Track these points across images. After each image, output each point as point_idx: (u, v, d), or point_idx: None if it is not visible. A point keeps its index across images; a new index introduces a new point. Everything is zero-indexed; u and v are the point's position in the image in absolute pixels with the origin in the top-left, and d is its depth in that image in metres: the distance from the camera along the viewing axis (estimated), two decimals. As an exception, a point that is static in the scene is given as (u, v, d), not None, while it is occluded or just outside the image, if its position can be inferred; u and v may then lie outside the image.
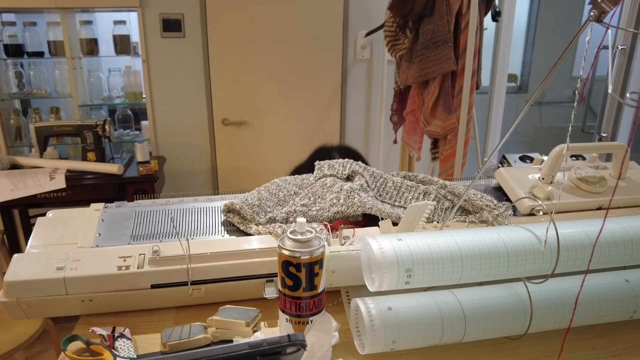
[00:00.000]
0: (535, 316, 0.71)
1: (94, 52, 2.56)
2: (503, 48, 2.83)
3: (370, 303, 0.68)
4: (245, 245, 0.83)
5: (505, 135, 0.77)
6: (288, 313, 0.70)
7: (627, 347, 0.75)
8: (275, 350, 0.55)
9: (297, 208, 0.92)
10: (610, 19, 0.62)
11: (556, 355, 0.72)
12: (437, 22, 1.90)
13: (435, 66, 1.95)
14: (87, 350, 0.71)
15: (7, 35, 2.44)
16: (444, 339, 0.69)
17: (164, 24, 2.54)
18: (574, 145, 0.99)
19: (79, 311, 0.81)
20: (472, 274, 0.69)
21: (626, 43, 2.27)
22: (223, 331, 0.74)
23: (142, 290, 0.79)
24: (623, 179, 1.03)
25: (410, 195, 0.98)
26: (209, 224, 0.91)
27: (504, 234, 0.72)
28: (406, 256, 0.67)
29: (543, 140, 3.87)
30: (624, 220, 0.78)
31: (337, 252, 0.77)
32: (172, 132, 2.72)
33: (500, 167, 1.07)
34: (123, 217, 0.92)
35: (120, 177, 2.25)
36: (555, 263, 0.70)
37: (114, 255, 0.80)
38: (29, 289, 0.76)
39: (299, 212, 0.91)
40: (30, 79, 2.60)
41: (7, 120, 2.53)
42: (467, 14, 1.88)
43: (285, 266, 0.67)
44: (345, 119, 2.86)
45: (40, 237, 0.86)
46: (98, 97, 2.68)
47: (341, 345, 0.73)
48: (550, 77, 0.73)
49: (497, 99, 2.95)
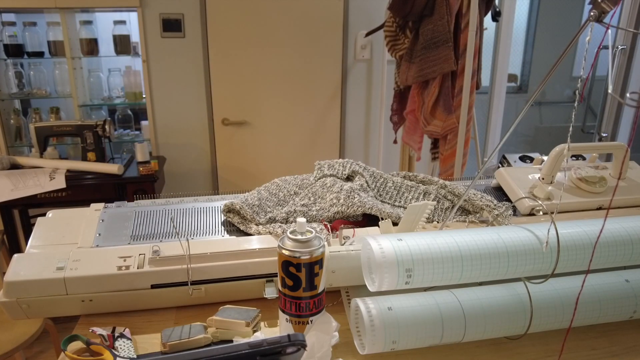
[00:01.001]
0: (535, 316, 0.71)
1: (94, 52, 2.56)
2: (503, 48, 2.83)
3: (370, 303, 0.68)
4: (245, 245, 0.83)
5: (505, 135, 0.77)
6: (288, 313, 0.70)
7: (627, 347, 0.75)
8: (275, 350, 0.55)
9: (297, 208, 0.92)
10: (610, 19, 0.62)
11: (556, 355, 0.72)
12: (437, 22, 1.90)
13: (435, 66, 1.95)
14: (87, 350, 0.71)
15: (7, 35, 2.44)
16: (444, 339, 0.69)
17: (164, 24, 2.54)
18: (574, 145, 0.99)
19: (79, 311, 0.81)
20: (472, 274, 0.69)
21: (626, 43, 2.27)
22: (223, 331, 0.74)
23: (142, 290, 0.79)
24: (623, 179, 1.03)
25: (410, 195, 0.98)
26: (209, 224, 0.91)
27: (504, 234, 0.72)
28: (406, 256, 0.67)
29: (543, 140, 3.87)
30: (624, 220, 0.78)
31: (337, 252, 0.77)
32: (172, 132, 2.72)
33: (500, 167, 1.07)
34: (123, 217, 0.92)
35: (120, 177, 2.25)
36: (555, 263, 0.70)
37: (114, 255, 0.80)
38: (29, 289, 0.76)
39: (299, 212, 0.91)
40: (30, 79, 2.60)
41: (7, 120, 2.53)
42: (467, 14, 1.88)
43: (285, 266, 0.67)
44: (345, 119, 2.86)
45: (40, 237, 0.86)
46: (98, 97, 2.68)
47: (341, 345, 0.73)
48: (550, 77, 0.73)
49: (497, 99, 2.95)
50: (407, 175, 1.04)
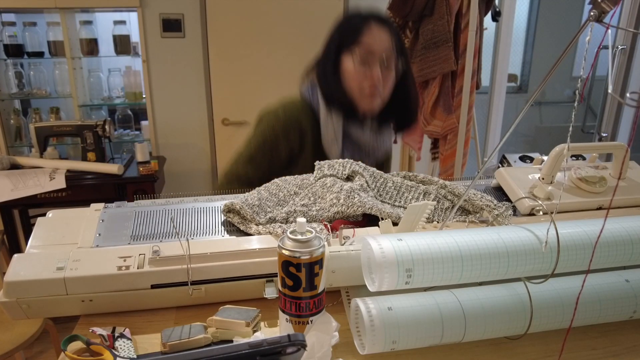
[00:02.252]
0: (535, 316, 0.71)
1: (94, 52, 2.56)
2: (503, 48, 2.83)
3: (370, 303, 0.68)
4: (245, 245, 0.83)
5: (505, 135, 0.77)
6: (288, 313, 0.70)
7: (627, 347, 0.75)
8: (275, 350, 0.55)
9: (297, 208, 0.92)
10: (610, 19, 0.62)
11: (556, 355, 0.72)
12: (437, 22, 1.90)
13: (435, 66, 1.95)
14: (87, 350, 0.71)
15: (7, 35, 2.44)
16: (444, 339, 0.69)
17: (164, 24, 2.54)
18: (574, 145, 0.99)
19: (79, 311, 0.81)
20: (472, 274, 0.69)
21: (626, 43, 2.27)
22: (223, 331, 0.74)
23: (142, 290, 0.79)
24: (623, 179, 1.03)
25: (410, 195, 0.98)
26: (209, 224, 0.91)
27: (504, 234, 0.72)
28: (406, 256, 0.67)
29: (543, 140, 3.88)
30: (624, 220, 0.78)
31: (337, 252, 0.77)
32: (172, 132, 2.72)
33: (500, 167, 1.07)
34: (123, 217, 0.92)
35: (120, 177, 2.25)
36: (555, 263, 0.70)
37: (114, 255, 0.80)
38: (29, 289, 0.76)
39: (299, 212, 0.91)
40: (30, 79, 2.60)
41: (7, 120, 2.53)
42: (467, 14, 1.88)
43: (285, 266, 0.67)
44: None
45: (40, 237, 0.86)
46: (98, 97, 2.68)
47: (341, 345, 0.73)
48: (550, 77, 0.73)
49: (497, 99, 2.95)
50: (407, 175, 1.04)
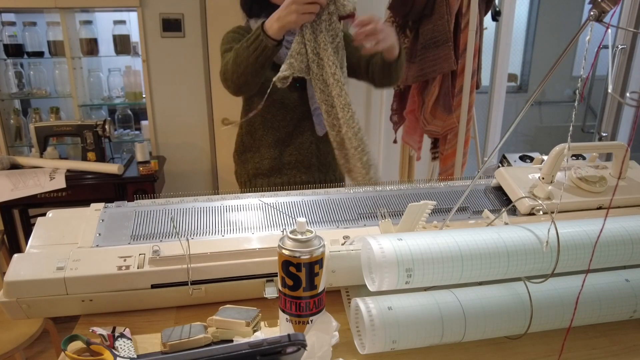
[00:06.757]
0: (535, 316, 0.71)
1: (94, 52, 2.56)
2: (503, 48, 2.83)
3: (370, 303, 0.68)
4: (245, 245, 0.83)
5: (505, 135, 0.77)
6: (288, 313, 0.70)
7: (627, 347, 0.75)
8: (275, 350, 0.55)
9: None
10: (610, 18, 0.62)
11: (556, 355, 0.72)
12: (437, 21, 1.90)
13: (435, 66, 1.95)
14: (87, 350, 0.71)
15: (7, 35, 2.44)
16: (444, 338, 0.69)
17: (164, 24, 2.54)
18: (574, 145, 0.99)
19: (79, 311, 0.81)
20: (472, 273, 0.69)
21: (626, 43, 2.27)
22: (223, 331, 0.74)
23: (142, 290, 0.79)
24: (623, 178, 1.03)
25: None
26: (209, 224, 0.91)
27: (504, 233, 0.72)
28: (406, 256, 0.67)
29: (543, 140, 3.87)
30: (624, 220, 0.78)
31: (337, 252, 0.77)
32: (172, 132, 2.72)
33: (500, 167, 1.07)
34: (123, 217, 0.92)
35: (120, 177, 2.25)
36: (555, 263, 0.70)
37: (114, 255, 0.80)
38: (29, 289, 0.76)
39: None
40: (30, 79, 2.60)
41: (7, 120, 2.53)
42: (467, 14, 1.88)
43: (286, 266, 0.67)
44: (345, 119, 2.86)
45: (40, 237, 0.86)
46: (98, 97, 2.68)
47: (341, 345, 0.73)
48: (550, 76, 0.73)
49: (497, 99, 2.95)
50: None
